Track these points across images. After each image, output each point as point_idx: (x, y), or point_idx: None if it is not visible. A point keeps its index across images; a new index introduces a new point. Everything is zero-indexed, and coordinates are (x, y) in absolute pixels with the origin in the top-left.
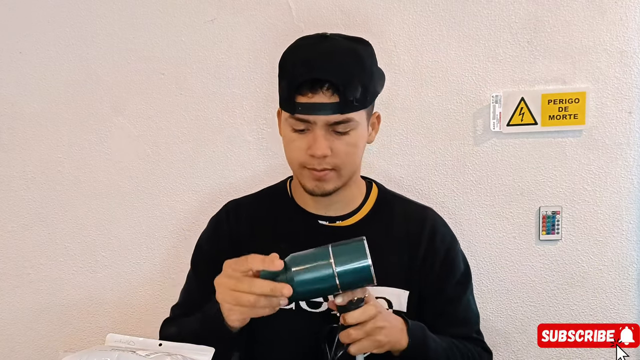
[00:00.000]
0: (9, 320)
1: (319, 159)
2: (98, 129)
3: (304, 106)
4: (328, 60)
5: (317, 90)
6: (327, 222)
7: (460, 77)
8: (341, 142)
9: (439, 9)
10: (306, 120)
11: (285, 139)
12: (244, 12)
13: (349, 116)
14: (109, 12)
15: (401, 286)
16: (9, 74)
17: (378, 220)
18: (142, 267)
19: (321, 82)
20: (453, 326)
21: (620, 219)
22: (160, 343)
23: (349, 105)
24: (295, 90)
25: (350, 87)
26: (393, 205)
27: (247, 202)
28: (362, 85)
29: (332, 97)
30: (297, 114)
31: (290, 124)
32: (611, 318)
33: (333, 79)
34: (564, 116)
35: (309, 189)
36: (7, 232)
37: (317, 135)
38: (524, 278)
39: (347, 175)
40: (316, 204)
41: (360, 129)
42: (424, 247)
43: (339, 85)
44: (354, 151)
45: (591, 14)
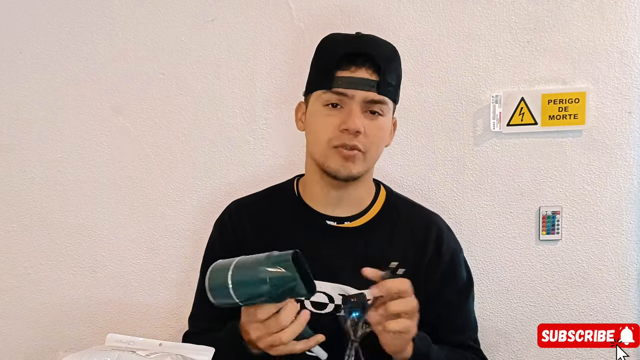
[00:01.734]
0: (9, 320)
1: (352, 135)
2: (98, 129)
3: (344, 80)
4: (370, 41)
5: (360, 66)
6: (335, 222)
7: (460, 77)
8: (373, 124)
9: (439, 9)
10: (344, 94)
11: (313, 118)
12: (244, 12)
13: (385, 99)
14: (108, 12)
15: None
16: (9, 74)
17: (385, 223)
18: (142, 267)
19: (365, 56)
20: (450, 333)
21: (620, 219)
22: (160, 343)
23: (386, 88)
24: (336, 65)
25: (389, 70)
26: (400, 208)
27: (251, 202)
28: (397, 75)
29: (373, 74)
30: (337, 87)
31: (324, 100)
32: (611, 318)
33: (377, 56)
34: (564, 116)
35: (334, 169)
36: (7, 232)
37: (354, 110)
38: (524, 278)
39: (370, 161)
40: (325, 202)
41: (387, 119)
42: (430, 253)
43: (381, 63)
44: (382, 136)
45: (591, 14)
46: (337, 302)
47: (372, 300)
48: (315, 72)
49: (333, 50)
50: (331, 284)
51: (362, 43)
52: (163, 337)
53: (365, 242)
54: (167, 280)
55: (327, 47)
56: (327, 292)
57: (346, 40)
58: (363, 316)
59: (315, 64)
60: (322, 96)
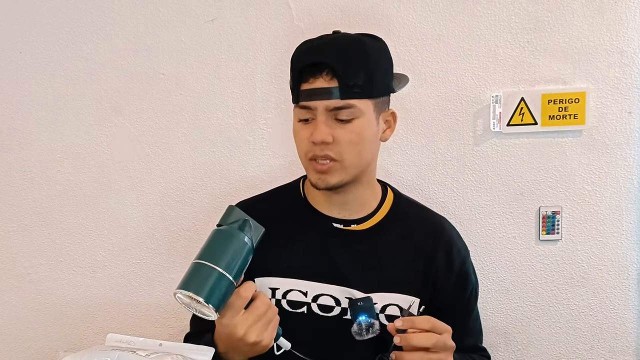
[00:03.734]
0: (9, 320)
1: (320, 146)
2: (98, 129)
3: (305, 92)
4: (328, 47)
5: (317, 76)
6: (342, 225)
7: (460, 77)
8: (344, 130)
9: (439, 9)
10: (308, 107)
11: (294, 131)
12: (244, 12)
13: (350, 102)
14: (108, 12)
15: (413, 294)
16: (9, 74)
17: (393, 226)
18: (142, 267)
19: (320, 65)
20: (465, 337)
21: (620, 219)
22: (160, 343)
23: (349, 91)
24: (299, 79)
25: (350, 72)
26: (409, 212)
27: (256, 203)
28: (366, 72)
29: (332, 81)
30: (301, 101)
31: (297, 115)
32: (611, 318)
33: (331, 62)
34: (564, 116)
35: (313, 182)
36: (7, 232)
37: (318, 121)
38: (524, 278)
39: (352, 168)
40: (330, 205)
41: (366, 120)
42: (440, 259)
43: (337, 68)
44: (358, 141)
45: (591, 14)
46: (344, 306)
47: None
48: (290, 85)
49: (296, 64)
50: (338, 287)
51: (317, 51)
52: (163, 337)
53: (373, 245)
54: (167, 280)
55: (293, 61)
56: (334, 295)
57: (306, 50)
58: (369, 320)
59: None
60: (295, 110)
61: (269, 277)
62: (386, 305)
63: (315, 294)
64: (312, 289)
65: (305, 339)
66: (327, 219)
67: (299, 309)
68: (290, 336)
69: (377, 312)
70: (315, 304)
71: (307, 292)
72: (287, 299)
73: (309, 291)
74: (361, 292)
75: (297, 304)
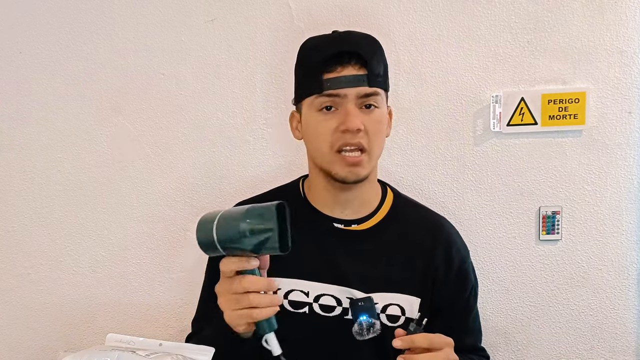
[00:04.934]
0: (9, 320)
1: (353, 133)
2: (98, 129)
3: (333, 81)
4: (350, 37)
5: (346, 64)
6: (342, 225)
7: (460, 77)
8: (370, 119)
9: (439, 9)
10: (336, 94)
11: (310, 126)
12: (244, 12)
13: (377, 90)
14: (108, 12)
15: (414, 293)
16: (9, 74)
17: (394, 226)
18: (142, 267)
19: (349, 54)
20: (465, 337)
21: (620, 219)
22: (160, 343)
23: (375, 80)
24: (322, 68)
25: (375, 61)
26: (409, 211)
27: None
28: (383, 64)
29: (360, 69)
30: (327, 90)
31: (318, 105)
32: (611, 318)
33: (361, 50)
34: (564, 116)
35: (342, 176)
36: (7, 232)
37: (350, 109)
38: (524, 278)
39: (375, 159)
40: (332, 204)
41: (383, 111)
42: (440, 258)
43: (365, 57)
44: (382, 130)
45: (591, 14)
46: (345, 306)
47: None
48: (302, 78)
49: (316, 54)
50: (339, 287)
51: (343, 41)
52: (163, 337)
53: (373, 245)
54: (167, 280)
55: (309, 52)
56: (334, 295)
57: (326, 41)
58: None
59: (301, 71)
60: (315, 101)
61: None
62: (387, 305)
63: (317, 294)
64: (313, 289)
65: (307, 339)
66: (328, 219)
67: (301, 309)
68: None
69: (378, 312)
70: (316, 304)
71: (309, 292)
72: (289, 299)
73: (310, 291)
74: (362, 292)
75: (299, 304)
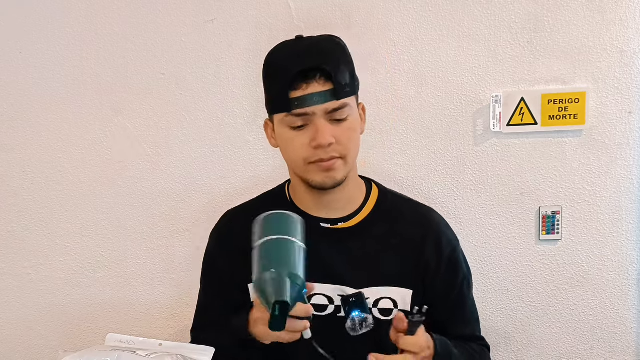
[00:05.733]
0: (9, 320)
1: (325, 148)
2: (98, 129)
3: (300, 99)
4: (314, 50)
5: (311, 81)
6: (329, 224)
7: (460, 77)
8: (341, 129)
9: (439, 9)
10: (304, 113)
11: (283, 141)
12: (244, 12)
13: (345, 101)
14: (109, 12)
15: (405, 286)
16: (9, 74)
17: (381, 220)
18: (142, 267)
19: (313, 71)
20: (462, 326)
21: (620, 219)
22: (160, 343)
23: (343, 91)
24: (289, 87)
25: (340, 73)
26: (395, 205)
27: (245, 209)
28: (349, 70)
29: (326, 84)
30: (295, 109)
31: (288, 123)
32: (611, 318)
33: (324, 66)
34: (564, 116)
35: (319, 182)
36: (7, 232)
37: (319, 125)
38: (524, 278)
39: (351, 162)
40: (317, 206)
41: (355, 116)
42: (430, 249)
43: (331, 71)
44: (355, 136)
45: (591, 14)
46: (337, 304)
47: None
48: (270, 95)
49: (280, 73)
50: (330, 285)
51: (307, 55)
52: (163, 337)
53: (361, 241)
54: (167, 280)
55: (274, 70)
56: (326, 293)
57: (290, 56)
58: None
59: (268, 87)
60: (285, 119)
61: None
62: (379, 299)
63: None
64: None
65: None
66: (315, 220)
67: None
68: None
69: (370, 306)
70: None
71: None
72: None
73: None
74: (353, 288)
75: None
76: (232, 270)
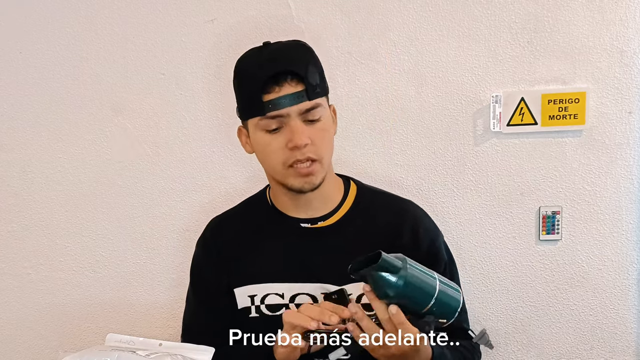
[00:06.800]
0: (9, 320)
1: (302, 150)
2: (98, 129)
3: (274, 102)
4: (283, 53)
5: (283, 83)
6: (309, 224)
7: (460, 77)
8: (315, 129)
9: (439, 9)
10: (279, 115)
11: (259, 146)
12: (244, 12)
13: (317, 101)
14: (109, 12)
15: None
16: (9, 74)
17: (359, 216)
18: (142, 267)
19: (284, 74)
20: None
21: (620, 219)
22: (160, 343)
23: (314, 91)
24: (261, 90)
25: (310, 74)
26: (373, 200)
27: (229, 216)
28: (318, 72)
29: (298, 85)
30: (269, 112)
31: (263, 127)
32: (611, 318)
33: (295, 68)
34: (564, 116)
35: (298, 187)
36: (7, 232)
37: (295, 126)
38: (524, 278)
39: (327, 163)
40: (296, 207)
41: (327, 117)
42: (406, 238)
43: (301, 72)
44: (328, 136)
45: (591, 14)
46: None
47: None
48: (243, 100)
49: (253, 78)
50: (313, 284)
51: (276, 59)
52: (163, 337)
53: (342, 238)
54: (167, 280)
55: (245, 75)
56: (309, 293)
57: (260, 62)
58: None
59: (240, 93)
60: (260, 123)
61: (246, 286)
62: (361, 294)
63: (292, 294)
64: (288, 289)
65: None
66: (295, 221)
67: (278, 311)
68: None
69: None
70: (293, 305)
71: (284, 293)
72: (265, 303)
73: (285, 292)
74: (336, 285)
75: (276, 307)
76: (218, 278)
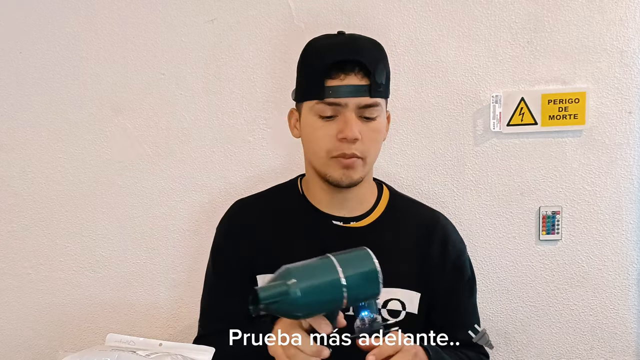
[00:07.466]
0: (9, 320)
1: (350, 143)
2: (98, 129)
3: (335, 89)
4: (356, 44)
5: (349, 72)
6: (341, 222)
7: (460, 77)
8: (368, 128)
9: (439, 9)
10: (337, 103)
11: (309, 129)
12: (244, 12)
13: (377, 100)
14: (109, 12)
15: (413, 288)
16: (9, 74)
17: (391, 222)
18: (142, 267)
19: (353, 63)
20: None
21: (620, 219)
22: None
23: (376, 90)
24: (326, 74)
25: (378, 71)
26: (405, 208)
27: (255, 200)
28: (386, 72)
29: (363, 79)
30: (328, 97)
31: (317, 111)
32: (611, 318)
33: (365, 60)
34: (564, 116)
35: (336, 179)
36: (7, 232)
37: (349, 118)
38: (524, 278)
39: (370, 165)
40: (330, 203)
41: (383, 118)
42: (437, 252)
43: (370, 67)
44: (379, 139)
45: (591, 14)
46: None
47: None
48: (304, 81)
49: (320, 59)
50: None
51: (348, 47)
52: (163, 337)
53: (372, 241)
54: (167, 280)
55: (314, 56)
56: None
57: (332, 46)
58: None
59: (303, 73)
60: (315, 107)
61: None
62: (388, 300)
63: None
64: None
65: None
66: (327, 217)
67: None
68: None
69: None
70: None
71: None
72: None
73: None
74: None
75: None
76: (239, 259)
